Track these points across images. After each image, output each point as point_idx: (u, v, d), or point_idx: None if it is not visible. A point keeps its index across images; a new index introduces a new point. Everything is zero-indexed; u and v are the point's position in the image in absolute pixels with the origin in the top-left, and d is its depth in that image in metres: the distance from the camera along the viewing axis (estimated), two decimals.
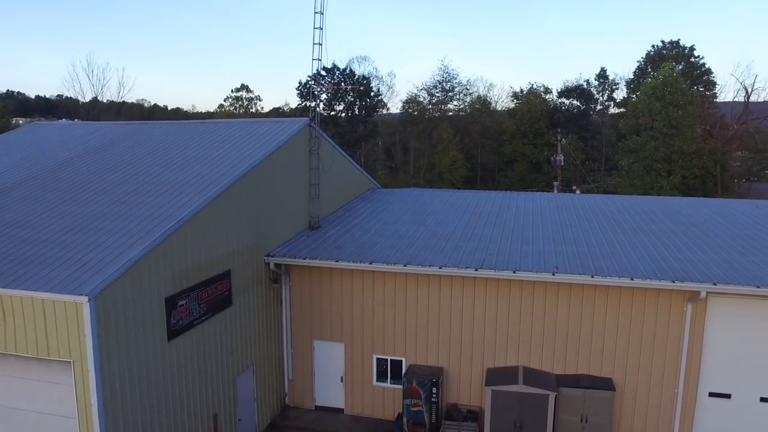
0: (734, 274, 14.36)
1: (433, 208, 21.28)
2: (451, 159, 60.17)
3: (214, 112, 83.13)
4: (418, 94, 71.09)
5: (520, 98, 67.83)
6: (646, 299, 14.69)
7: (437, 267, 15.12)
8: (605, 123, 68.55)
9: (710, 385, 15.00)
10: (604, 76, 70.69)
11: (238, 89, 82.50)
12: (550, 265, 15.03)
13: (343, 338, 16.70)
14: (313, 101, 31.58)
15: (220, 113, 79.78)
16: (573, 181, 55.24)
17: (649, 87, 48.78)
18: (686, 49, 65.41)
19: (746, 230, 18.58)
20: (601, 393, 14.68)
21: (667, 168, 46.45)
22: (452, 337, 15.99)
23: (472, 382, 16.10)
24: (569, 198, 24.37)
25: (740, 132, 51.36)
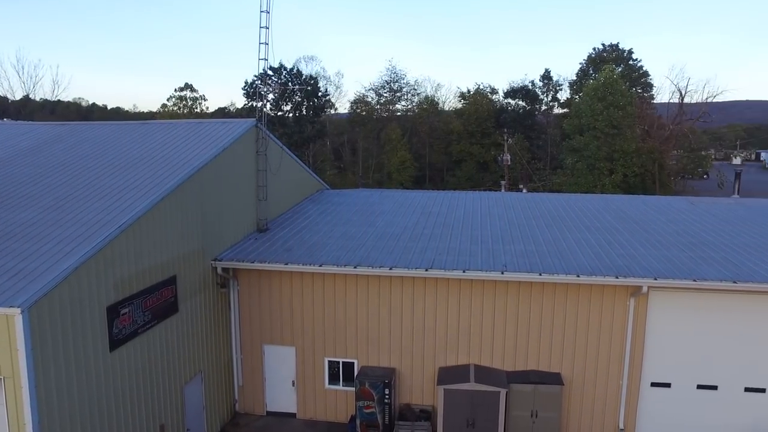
0: (673, 269, 14.92)
1: (383, 209, 21.26)
2: (399, 159, 60.43)
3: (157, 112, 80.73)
4: (366, 94, 71.19)
5: (467, 99, 68.78)
6: (592, 295, 15.08)
7: (387, 268, 15.09)
8: (550, 123, 70.34)
9: (652, 376, 15.54)
10: (548, 77, 72.51)
11: (182, 88, 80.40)
12: (499, 264, 15.23)
13: (293, 342, 16.46)
14: (259, 101, 31.05)
15: (163, 113, 77.53)
16: (520, 180, 56.33)
17: (591, 88, 50.32)
18: (625, 52, 67.88)
19: (683, 226, 19.36)
20: (550, 388, 14.98)
21: (609, 167, 48.00)
22: (404, 338, 15.99)
23: (425, 381, 16.15)
24: (516, 197, 24.82)
25: (676, 132, 53.60)
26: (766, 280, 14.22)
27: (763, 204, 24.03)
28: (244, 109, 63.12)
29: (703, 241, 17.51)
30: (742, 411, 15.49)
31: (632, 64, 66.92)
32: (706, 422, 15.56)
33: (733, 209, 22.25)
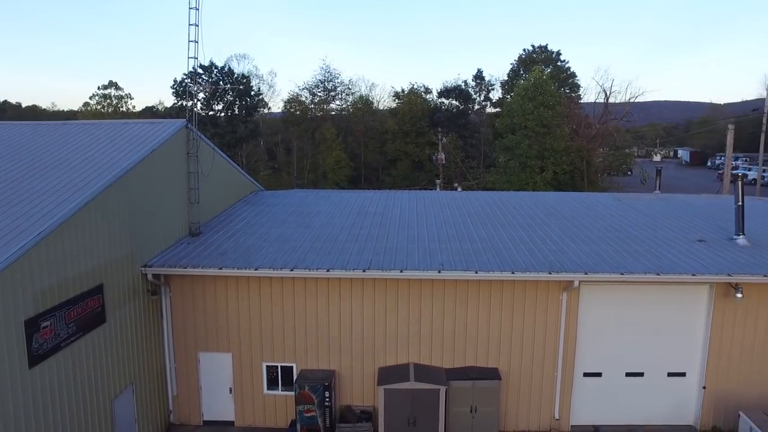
0: (602, 263, 15.48)
1: (319, 210, 21.05)
2: (334, 159, 60.15)
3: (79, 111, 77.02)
4: (300, 93, 70.48)
5: (401, 98, 69.22)
6: (526, 290, 15.45)
7: (325, 270, 14.92)
8: (483, 122, 71.76)
9: (584, 366, 16.10)
10: (480, 77, 74.00)
11: (106, 86, 77.12)
12: (436, 262, 15.36)
13: (230, 348, 16.02)
14: (189, 101, 30.06)
15: (85, 112, 74.04)
16: (454, 179, 57.22)
17: (522, 88, 51.70)
18: (554, 54, 70.22)
19: (610, 221, 20.15)
20: (488, 383, 15.24)
21: (540, 165, 49.47)
22: (343, 339, 15.87)
23: (365, 382, 16.09)
24: (451, 195, 25.15)
25: (602, 131, 55.86)
26: (686, 272, 14.99)
27: (681, 199, 25.39)
28: (174, 109, 61.17)
29: (629, 235, 18.28)
30: (665, 394, 16.33)
31: (560, 65, 69.34)
32: (634, 406, 16.30)
33: (655, 204, 23.39)
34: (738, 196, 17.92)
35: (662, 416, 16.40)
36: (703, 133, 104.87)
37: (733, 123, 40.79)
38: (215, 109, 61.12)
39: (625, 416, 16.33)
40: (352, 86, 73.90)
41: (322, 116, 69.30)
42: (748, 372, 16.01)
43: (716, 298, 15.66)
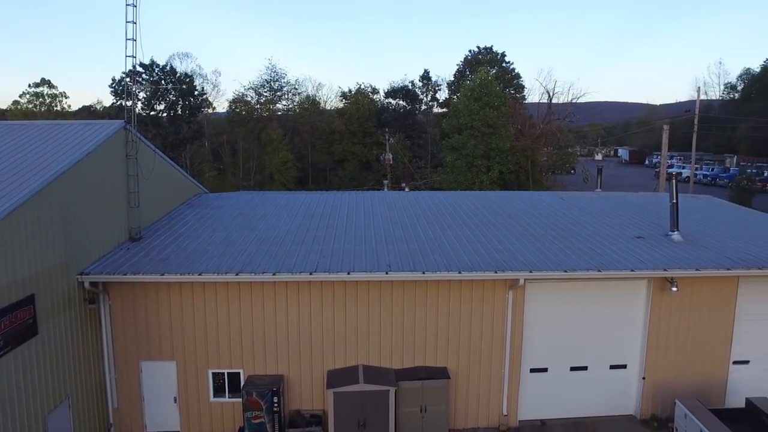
0: (546, 261, 15.81)
1: (265, 212, 20.71)
2: (281, 159, 59.45)
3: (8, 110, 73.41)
4: (246, 93, 69.41)
5: (348, 98, 69.14)
6: (473, 290, 15.61)
7: (271, 274, 14.65)
8: (430, 122, 72.45)
9: (531, 362, 16.40)
10: (427, 77, 74.68)
11: (38, 84, 73.79)
12: (383, 264, 15.33)
13: (174, 356, 15.53)
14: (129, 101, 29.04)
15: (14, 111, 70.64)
16: (402, 179, 57.51)
17: (468, 89, 52.40)
18: (498, 55, 71.53)
19: (553, 219, 20.62)
20: (437, 382, 15.31)
21: (486, 164, 50.22)
22: (291, 343, 15.64)
23: (314, 386, 15.90)
24: (399, 196, 25.22)
25: (546, 131, 57.23)
26: (625, 268, 15.48)
27: (621, 197, 26.26)
28: (113, 108, 59.10)
29: (572, 233, 18.75)
30: (608, 386, 16.82)
31: (505, 66, 70.74)
32: (579, 399, 16.72)
33: (597, 202, 24.10)
34: (672, 194, 18.64)
35: (605, 407, 16.89)
36: (641, 132, 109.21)
37: (668, 123, 42.51)
38: (157, 110, 59.42)
39: (570, 409, 16.74)
40: (298, 86, 73.41)
41: (269, 116, 68.42)
42: (682, 362, 16.68)
43: (654, 292, 16.24)
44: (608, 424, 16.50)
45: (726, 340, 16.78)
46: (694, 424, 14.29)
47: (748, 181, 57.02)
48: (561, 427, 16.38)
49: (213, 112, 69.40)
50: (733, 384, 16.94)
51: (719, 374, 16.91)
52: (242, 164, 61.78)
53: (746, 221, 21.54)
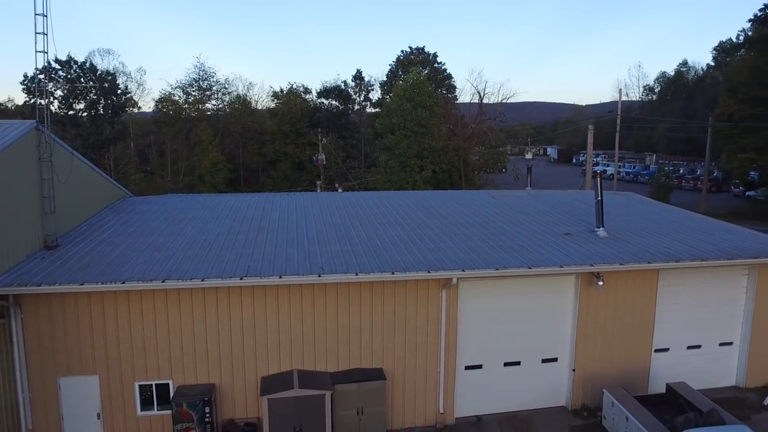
0: (478, 260, 16.00)
1: (194, 215, 20.01)
2: (211, 161, 57.86)
3: None
4: (173, 92, 67.14)
5: (280, 98, 68.16)
6: (407, 290, 15.59)
7: (199, 279, 14.12)
8: (363, 122, 72.44)
9: (466, 360, 16.57)
10: (360, 77, 74.64)
11: None
12: (316, 266, 15.08)
13: (96, 370, 14.69)
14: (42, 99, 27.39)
15: None
16: (335, 179, 57.22)
17: (400, 89, 52.70)
18: (430, 55, 72.37)
19: (485, 218, 20.95)
20: (374, 384, 15.20)
21: (419, 164, 50.66)
22: (222, 351, 15.13)
23: (248, 393, 15.45)
24: (332, 197, 24.98)
25: (477, 130, 58.37)
26: (554, 264, 15.89)
27: (549, 195, 27.04)
28: (27, 107, 55.71)
29: (503, 231, 19.09)
30: (541, 379, 17.24)
31: (437, 67, 71.65)
32: (513, 394, 17.02)
33: (527, 200, 24.69)
34: (598, 191, 19.32)
35: (539, 400, 17.28)
36: (568, 132, 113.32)
37: (593, 123, 44.21)
38: (76, 109, 56.49)
39: (505, 404, 17.01)
40: (228, 85, 71.70)
41: (198, 116, 66.47)
42: (609, 353, 17.31)
43: (581, 287, 16.75)
44: (541, 416, 16.89)
45: (648, 330, 17.54)
46: (620, 411, 14.86)
47: (666, 178, 60.28)
48: (496, 421, 16.64)
49: (138, 112, 66.69)
50: (655, 371, 17.73)
51: (642, 362, 17.66)
52: (170, 166, 59.69)
53: (665, 216, 22.64)
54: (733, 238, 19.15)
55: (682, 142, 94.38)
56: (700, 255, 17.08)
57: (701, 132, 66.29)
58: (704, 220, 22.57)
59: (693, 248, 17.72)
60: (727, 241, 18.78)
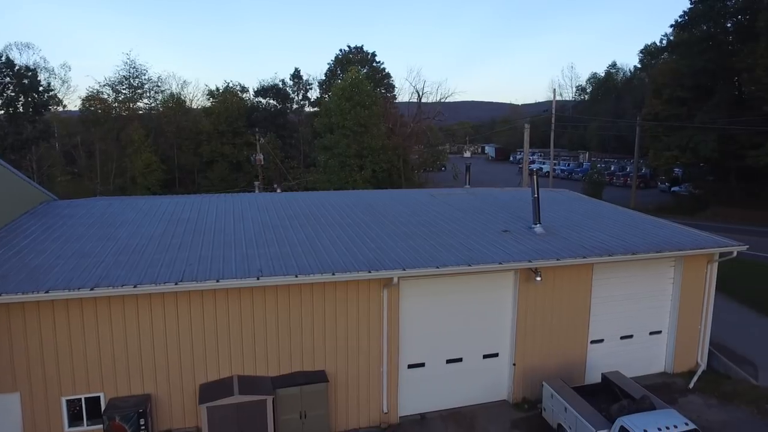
0: (419, 258, 16.01)
1: (125, 219, 19.15)
2: (144, 162, 55.89)
3: None
4: (101, 90, 64.40)
5: (216, 97, 66.56)
6: (348, 291, 15.43)
7: (132, 286, 13.45)
8: (302, 122, 71.79)
9: (408, 358, 16.57)
10: (298, 76, 73.89)
11: None
12: (254, 269, 14.68)
13: (16, 387, 13.76)
14: None
15: None
16: (274, 180, 56.41)
17: (339, 88, 52.47)
18: (369, 54, 72.37)
19: (425, 217, 21.03)
20: (316, 386, 14.98)
21: (359, 163, 50.60)
22: (158, 359, 14.51)
23: (186, 402, 14.89)
24: (270, 197, 24.49)
25: (416, 129, 58.90)
26: (493, 261, 16.09)
27: (488, 193, 27.48)
28: None
29: (443, 229, 19.20)
30: (483, 375, 17.45)
31: (376, 66, 71.77)
32: (456, 390, 17.16)
33: (466, 199, 24.97)
34: (534, 189, 19.73)
35: (481, 395, 17.49)
36: (505, 131, 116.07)
37: (529, 122, 45.37)
38: None
39: (448, 401, 17.12)
40: (161, 83, 69.49)
41: (129, 116, 64.00)
42: (548, 346, 17.72)
43: (520, 283, 17.06)
44: (484, 411, 17.11)
45: (584, 322, 18.07)
46: (559, 402, 15.22)
47: (598, 175, 62.61)
48: (440, 418, 16.72)
49: (64, 111, 63.49)
50: (591, 361, 18.29)
51: (579, 354, 18.18)
52: (100, 167, 57.16)
53: (598, 212, 23.40)
54: (660, 232, 19.98)
55: (612, 141, 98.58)
56: (631, 249, 17.72)
57: (630, 131, 69.24)
58: (634, 215, 23.47)
59: (624, 242, 18.36)
60: (655, 234, 19.58)
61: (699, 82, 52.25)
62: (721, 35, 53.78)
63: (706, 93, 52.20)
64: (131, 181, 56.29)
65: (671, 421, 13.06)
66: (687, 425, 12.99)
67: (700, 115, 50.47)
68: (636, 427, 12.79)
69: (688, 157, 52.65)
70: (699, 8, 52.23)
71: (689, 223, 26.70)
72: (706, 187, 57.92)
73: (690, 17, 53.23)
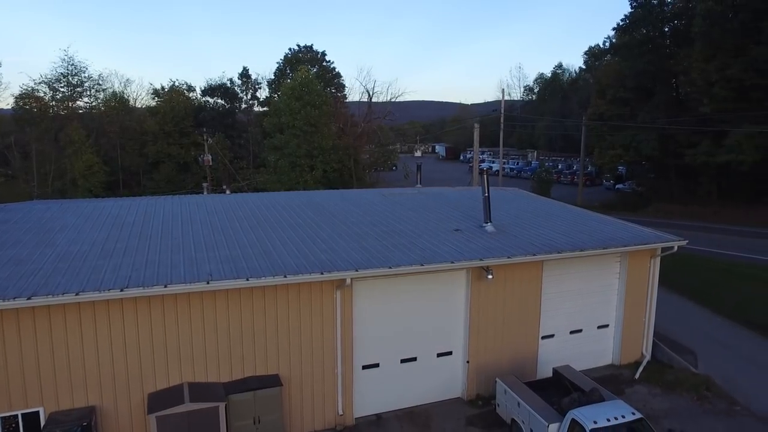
0: (371, 259, 15.94)
1: (65, 223, 18.36)
2: (85, 163, 53.78)
3: None
4: (37, 88, 61.60)
5: (161, 96, 64.75)
6: (300, 293, 15.22)
7: (73, 294, 12.83)
8: (251, 121, 70.68)
9: (362, 359, 16.49)
10: (246, 75, 72.71)
11: None
12: (204, 273, 14.28)
13: None
14: None
15: None
16: (223, 181, 55.36)
17: (288, 88, 51.90)
18: (319, 54, 71.84)
19: (377, 217, 20.99)
20: (270, 391, 14.72)
21: (309, 163, 50.17)
22: (103, 369, 13.92)
23: (134, 413, 14.35)
24: (219, 199, 23.96)
25: (367, 129, 58.88)
26: (446, 260, 16.18)
27: (439, 192, 27.69)
28: None
29: (395, 229, 19.20)
30: (437, 373, 17.55)
31: (326, 65, 71.31)
32: (411, 389, 17.20)
33: (417, 198, 25.07)
34: (485, 187, 19.96)
35: (436, 393, 17.58)
36: (455, 130, 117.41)
37: (478, 122, 45.94)
38: None
39: (403, 400, 17.14)
40: (103, 82, 66.97)
41: (68, 115, 61.53)
42: (501, 342, 17.96)
43: (472, 281, 17.22)
44: (439, 409, 17.20)
45: (535, 318, 18.40)
46: (512, 397, 15.45)
47: (546, 174, 64.08)
48: (396, 418, 16.72)
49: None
50: (542, 356, 18.66)
51: (531, 350, 18.50)
52: (37, 169, 54.65)
53: (547, 210, 23.89)
54: (606, 229, 20.55)
55: (559, 140, 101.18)
56: (579, 245, 18.15)
57: (576, 130, 71.24)
58: (581, 212, 24.08)
59: (572, 239, 18.80)
60: (601, 231, 20.12)
61: (640, 84, 54.29)
62: (659, 39, 56.03)
63: (647, 94, 54.30)
64: (71, 183, 54.07)
65: (619, 412, 13.45)
66: (633, 414, 13.41)
67: (642, 115, 52.41)
68: (586, 419, 13.11)
69: (631, 155, 54.56)
70: (639, 12, 54.22)
71: (633, 219, 27.59)
72: (648, 184, 60.18)
73: (630, 21, 55.19)
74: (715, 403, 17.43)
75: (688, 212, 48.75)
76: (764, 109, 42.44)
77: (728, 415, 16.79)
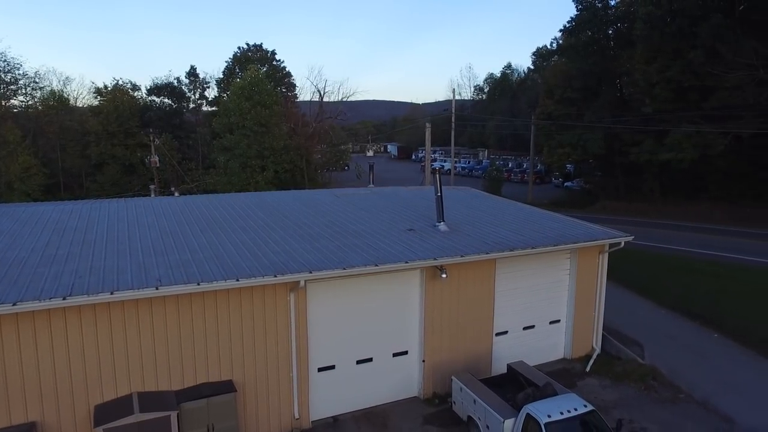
0: (325, 260, 15.76)
1: (0, 229, 17.46)
2: (22, 165, 51.42)
3: None
4: None
5: (104, 95, 62.57)
6: (253, 296, 14.92)
7: (10, 304, 12.13)
8: (199, 122, 69.25)
9: (318, 362, 16.31)
10: (194, 74, 71.20)
11: None
12: (153, 278, 13.81)
13: None
14: None
15: None
16: (171, 182, 53.97)
17: (238, 87, 51.09)
18: (269, 53, 70.96)
19: (330, 217, 20.83)
20: (224, 397, 14.37)
21: (260, 164, 49.49)
22: (44, 383, 13.26)
23: (78, 426, 13.74)
24: (168, 201, 23.28)
25: (318, 129, 58.53)
26: (400, 260, 16.16)
27: (392, 191, 27.74)
28: None
29: (348, 230, 19.08)
30: (393, 373, 17.52)
31: (276, 64, 70.49)
32: (368, 390, 17.11)
33: (370, 198, 25.02)
34: (437, 187, 20.07)
35: (393, 393, 17.55)
36: (406, 129, 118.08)
37: (430, 121, 46.30)
38: None
39: (360, 401, 17.03)
40: (39, 80, 64.14)
41: (1, 114, 58.67)
42: (456, 341, 18.09)
43: (427, 281, 17.28)
44: (396, 409, 17.18)
45: (489, 315, 18.62)
46: (468, 395, 15.59)
47: (497, 172, 65.21)
48: (353, 419, 16.61)
49: None
50: (497, 353, 18.89)
51: (485, 347, 18.72)
52: None
53: (498, 208, 24.24)
54: (556, 226, 20.99)
55: (510, 138, 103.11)
56: (531, 243, 18.46)
57: (526, 129, 72.65)
58: (532, 210, 24.53)
59: (524, 237, 19.11)
60: (551, 229, 20.54)
61: (586, 84, 55.92)
62: (603, 41, 57.86)
63: (593, 94, 55.99)
64: (6, 186, 51.55)
65: (572, 405, 13.72)
66: (586, 407, 13.72)
67: (588, 114, 53.97)
68: (540, 413, 13.32)
69: (579, 154, 56.11)
70: (584, 15, 55.85)
71: (581, 216, 28.30)
72: (595, 182, 62.03)
73: (576, 23, 56.79)
74: (661, 391, 18.05)
75: (633, 209, 50.50)
76: (700, 109, 44.36)
77: (673, 402, 17.42)
